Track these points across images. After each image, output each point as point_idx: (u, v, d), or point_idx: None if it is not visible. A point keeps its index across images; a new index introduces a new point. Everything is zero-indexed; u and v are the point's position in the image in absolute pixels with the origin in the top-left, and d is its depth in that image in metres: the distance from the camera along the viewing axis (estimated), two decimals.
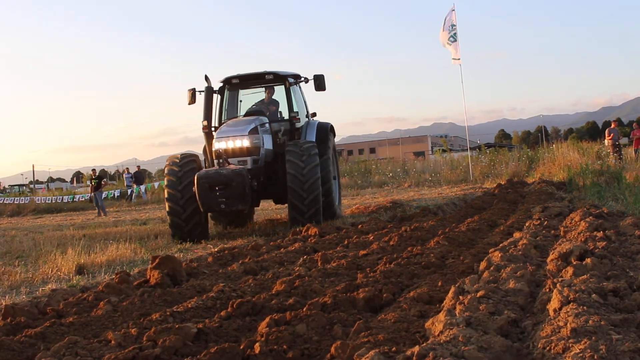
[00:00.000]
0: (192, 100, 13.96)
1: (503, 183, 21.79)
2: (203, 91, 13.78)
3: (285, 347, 3.84)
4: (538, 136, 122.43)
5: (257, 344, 3.83)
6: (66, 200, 34.87)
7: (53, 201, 35.41)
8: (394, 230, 10.11)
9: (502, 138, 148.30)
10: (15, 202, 36.69)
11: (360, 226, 11.56)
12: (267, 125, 13.30)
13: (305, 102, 14.85)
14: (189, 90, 13.99)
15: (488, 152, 37.49)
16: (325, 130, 14.46)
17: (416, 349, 3.07)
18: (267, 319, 4.40)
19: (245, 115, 13.73)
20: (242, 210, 13.01)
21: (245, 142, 12.59)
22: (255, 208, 15.68)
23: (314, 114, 14.96)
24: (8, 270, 9.33)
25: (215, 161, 12.80)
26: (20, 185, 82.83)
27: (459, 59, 27.57)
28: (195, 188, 11.96)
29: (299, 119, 13.91)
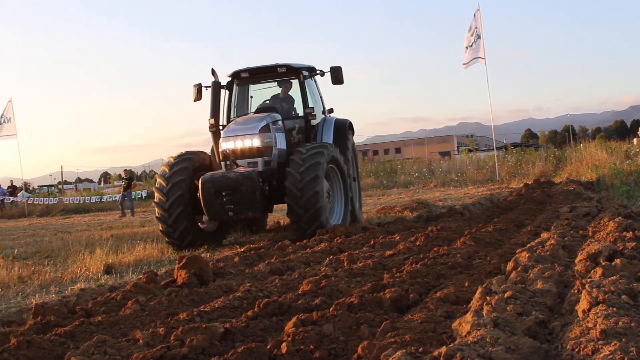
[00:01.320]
0: (198, 96, 12.87)
1: (530, 183, 21.65)
2: (209, 86, 12.73)
3: (312, 347, 3.83)
4: (565, 135, 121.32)
5: (284, 344, 3.83)
6: (94, 201, 35.16)
7: (81, 201, 35.74)
8: (420, 231, 10.08)
9: (528, 137, 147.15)
10: (45, 203, 37.11)
11: (386, 226, 11.54)
12: (280, 122, 12.13)
13: (321, 97, 13.61)
14: (195, 85, 12.88)
15: (514, 151, 37.22)
16: (344, 128, 13.44)
17: (443, 349, 3.05)
18: (294, 319, 4.39)
19: (256, 112, 12.59)
20: (252, 218, 11.90)
21: (255, 142, 11.45)
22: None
23: (331, 110, 13.80)
24: (38, 270, 9.44)
25: (223, 163, 11.75)
26: (49, 186, 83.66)
27: (482, 59, 27.39)
28: (199, 194, 10.95)
29: (315, 115, 12.70)
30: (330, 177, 11.87)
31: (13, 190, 42.53)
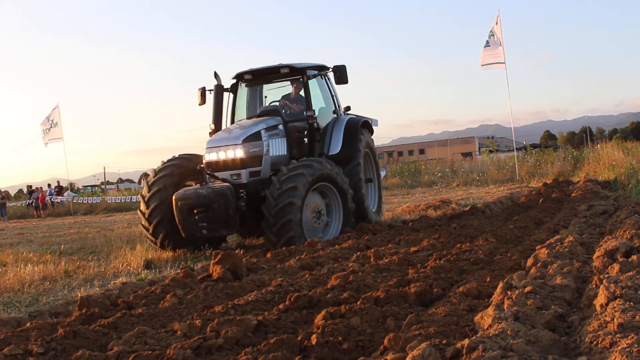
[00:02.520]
0: (202, 100, 11.88)
1: (549, 182, 21.46)
2: (212, 90, 11.85)
3: (340, 338, 3.84)
4: (583, 137, 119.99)
5: (314, 336, 3.83)
6: (134, 200, 35.43)
7: (122, 200, 36.11)
8: (443, 228, 10.03)
9: (547, 139, 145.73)
10: (88, 202, 37.58)
11: (411, 224, 11.50)
12: (280, 127, 11.09)
13: (334, 96, 12.43)
14: (199, 89, 11.92)
15: (534, 152, 36.92)
16: (355, 128, 12.15)
17: (466, 341, 3.04)
18: (323, 312, 4.40)
19: (259, 115, 11.53)
20: (228, 235, 11.03)
21: (239, 152, 10.27)
22: None
23: (348, 108, 12.79)
24: (83, 265, 9.54)
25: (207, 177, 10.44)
26: (92, 186, 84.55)
27: (502, 63, 27.18)
28: (174, 211, 10.05)
29: (315, 118, 11.45)
30: (325, 193, 10.79)
31: (59, 190, 43.12)
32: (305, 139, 11.53)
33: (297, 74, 11.69)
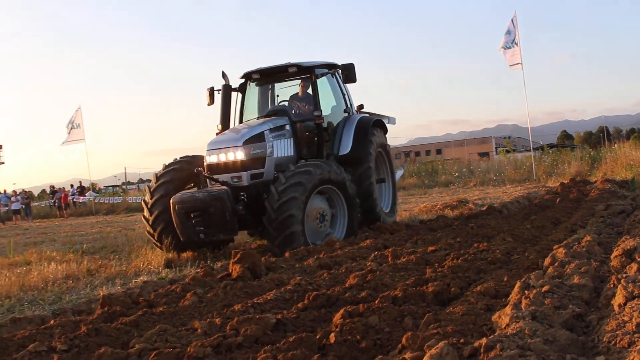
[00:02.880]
0: (211, 100, 11.57)
1: (566, 182, 21.30)
2: (220, 90, 11.57)
3: (358, 337, 3.83)
4: (600, 136, 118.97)
5: (332, 334, 3.83)
6: None
7: (143, 200, 36.19)
8: (460, 228, 10.00)
9: (564, 139, 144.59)
10: (110, 202, 37.80)
11: (428, 223, 11.46)
12: (287, 127, 10.73)
13: (345, 94, 12.00)
14: (208, 89, 11.59)
15: (551, 152, 36.67)
16: (366, 128, 11.66)
17: (483, 340, 3.03)
18: (342, 311, 4.40)
19: (267, 116, 11.17)
20: (225, 240, 10.64)
21: (239, 155, 9.90)
22: None
23: (361, 107, 12.58)
24: (104, 264, 9.61)
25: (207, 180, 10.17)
26: (113, 186, 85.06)
27: (518, 64, 27.06)
28: (172, 215, 9.79)
29: (322, 118, 11.00)
30: (330, 197, 10.33)
31: (81, 190, 43.43)
32: (315, 139, 11.13)
33: (305, 72, 11.31)
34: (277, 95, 12.08)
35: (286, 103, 11.76)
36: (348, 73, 11.11)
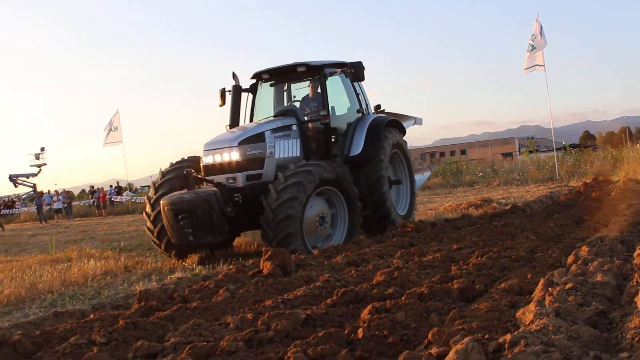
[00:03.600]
0: (223, 102, 11.21)
1: (589, 181, 21.02)
2: (230, 91, 11.21)
3: (385, 332, 3.82)
4: (622, 136, 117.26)
5: (360, 330, 3.83)
6: None
7: None
8: (485, 226, 9.91)
9: (586, 139, 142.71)
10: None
11: (453, 222, 11.39)
12: (294, 127, 10.31)
13: (359, 94, 11.42)
14: (220, 90, 11.25)
15: (573, 152, 36.24)
16: (378, 130, 11.08)
17: (508, 336, 3.01)
18: (369, 307, 4.39)
19: (275, 116, 10.78)
20: (214, 242, 9.84)
21: (234, 155, 9.44)
22: None
23: (378, 107, 12.07)
24: (141, 261, 9.71)
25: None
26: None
27: (535, 67, 26.75)
28: (162, 216, 9.44)
29: (328, 117, 10.49)
30: (330, 198, 9.80)
31: (119, 190, 43.92)
32: (324, 139, 10.64)
33: (314, 71, 10.85)
34: (294, 96, 11.64)
35: (298, 104, 11.35)
36: (356, 71, 10.64)
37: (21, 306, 6.92)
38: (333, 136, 10.69)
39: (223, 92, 11.19)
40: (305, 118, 10.78)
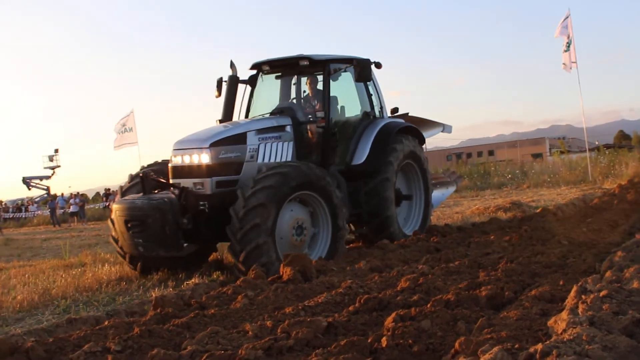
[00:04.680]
0: (219, 92, 10.36)
1: (624, 183, 20.80)
2: (227, 81, 10.28)
3: (410, 341, 3.81)
4: None
5: (384, 338, 3.82)
6: None
7: None
8: (514, 230, 9.87)
9: (621, 139, 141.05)
10: None
11: (481, 226, 11.34)
12: (288, 129, 9.30)
13: (371, 95, 10.48)
14: (217, 80, 10.39)
15: (607, 152, 35.89)
16: (388, 135, 10.16)
17: (539, 346, 2.98)
18: (393, 315, 4.38)
19: (271, 114, 9.71)
20: (168, 256, 8.50)
21: (203, 158, 8.37)
22: None
23: (396, 110, 10.96)
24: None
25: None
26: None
27: (574, 63, 26.57)
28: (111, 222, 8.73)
29: (325, 120, 9.52)
30: (310, 205, 8.71)
31: None
32: (330, 144, 9.70)
33: (318, 66, 9.88)
34: (304, 91, 10.50)
35: (301, 101, 10.42)
36: (361, 70, 9.56)
37: (34, 312, 6.98)
38: (334, 141, 9.74)
39: (220, 82, 10.35)
40: (308, 118, 9.87)
